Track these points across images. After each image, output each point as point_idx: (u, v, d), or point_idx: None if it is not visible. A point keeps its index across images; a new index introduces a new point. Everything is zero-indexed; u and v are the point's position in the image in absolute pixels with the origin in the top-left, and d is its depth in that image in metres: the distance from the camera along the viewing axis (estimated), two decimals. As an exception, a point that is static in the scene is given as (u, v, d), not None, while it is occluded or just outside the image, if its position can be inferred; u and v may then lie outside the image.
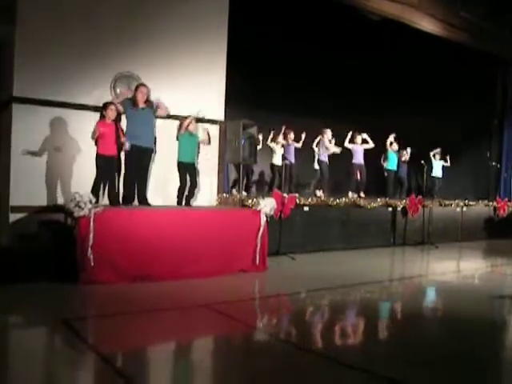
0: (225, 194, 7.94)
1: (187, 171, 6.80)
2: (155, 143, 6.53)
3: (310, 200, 8.24)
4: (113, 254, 5.27)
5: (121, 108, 6.22)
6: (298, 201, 7.93)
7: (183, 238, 5.76)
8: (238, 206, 7.17)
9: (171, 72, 7.19)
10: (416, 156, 11.06)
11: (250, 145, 7.17)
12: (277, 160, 9.65)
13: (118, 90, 6.74)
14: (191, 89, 7.34)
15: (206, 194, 7.64)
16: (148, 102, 6.36)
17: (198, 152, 7.20)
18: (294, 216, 7.78)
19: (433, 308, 5.40)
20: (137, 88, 6.30)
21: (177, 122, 6.98)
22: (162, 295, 5.01)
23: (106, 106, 6.08)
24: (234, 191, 8.47)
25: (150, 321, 4.20)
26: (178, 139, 6.84)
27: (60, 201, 6.28)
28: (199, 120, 7.18)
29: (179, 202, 6.75)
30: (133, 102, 6.25)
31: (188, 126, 6.79)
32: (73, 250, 5.12)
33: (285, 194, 7.66)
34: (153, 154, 6.54)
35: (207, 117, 7.46)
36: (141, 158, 6.31)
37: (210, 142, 7.17)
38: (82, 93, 6.47)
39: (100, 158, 6.01)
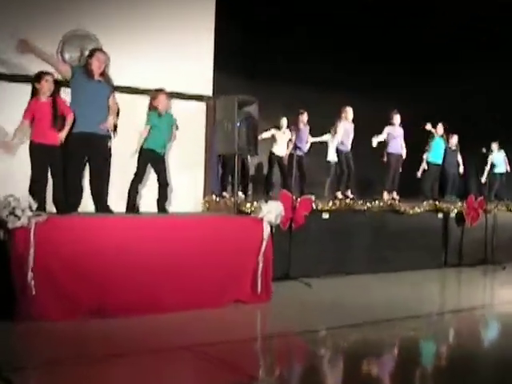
0: (214, 197, 7.95)
1: (150, 163, 6.72)
2: (115, 129, 6.51)
3: (330, 204, 8.24)
4: (61, 279, 5.27)
5: (67, 73, 6.16)
6: (313, 205, 7.95)
7: (158, 258, 5.76)
8: (232, 213, 7.18)
9: (139, 31, 7.18)
10: (465, 144, 11.04)
11: (248, 129, 7.14)
12: (278, 148, 9.56)
13: (66, 56, 6.72)
14: (168, 53, 7.34)
15: (189, 196, 7.66)
16: (104, 74, 6.35)
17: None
18: (308, 226, 7.82)
19: (500, 351, 5.36)
20: (92, 54, 6.29)
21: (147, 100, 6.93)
22: (128, 335, 4.99)
23: (39, 76, 5.98)
24: (225, 193, 8.48)
25: (112, 370, 4.17)
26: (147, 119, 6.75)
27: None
28: (176, 95, 7.13)
29: (129, 206, 6.57)
30: (85, 71, 6.22)
31: (154, 99, 6.67)
32: (6, 274, 5.11)
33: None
34: (109, 143, 6.49)
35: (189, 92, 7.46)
36: (92, 149, 6.28)
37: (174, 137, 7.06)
38: (11, 60, 6.39)
39: (36, 148, 5.96)
